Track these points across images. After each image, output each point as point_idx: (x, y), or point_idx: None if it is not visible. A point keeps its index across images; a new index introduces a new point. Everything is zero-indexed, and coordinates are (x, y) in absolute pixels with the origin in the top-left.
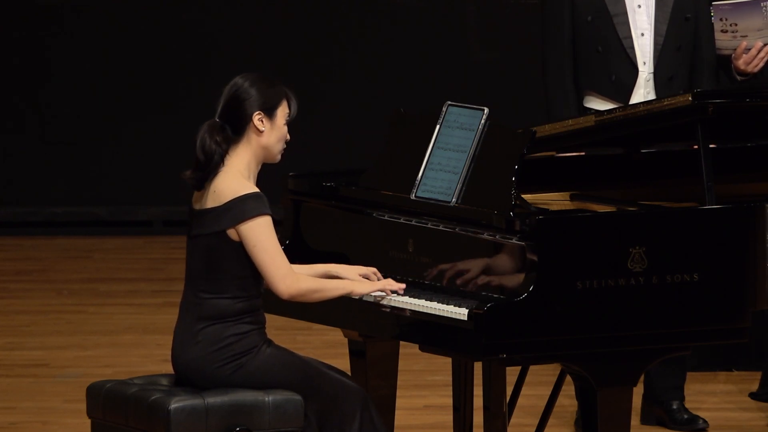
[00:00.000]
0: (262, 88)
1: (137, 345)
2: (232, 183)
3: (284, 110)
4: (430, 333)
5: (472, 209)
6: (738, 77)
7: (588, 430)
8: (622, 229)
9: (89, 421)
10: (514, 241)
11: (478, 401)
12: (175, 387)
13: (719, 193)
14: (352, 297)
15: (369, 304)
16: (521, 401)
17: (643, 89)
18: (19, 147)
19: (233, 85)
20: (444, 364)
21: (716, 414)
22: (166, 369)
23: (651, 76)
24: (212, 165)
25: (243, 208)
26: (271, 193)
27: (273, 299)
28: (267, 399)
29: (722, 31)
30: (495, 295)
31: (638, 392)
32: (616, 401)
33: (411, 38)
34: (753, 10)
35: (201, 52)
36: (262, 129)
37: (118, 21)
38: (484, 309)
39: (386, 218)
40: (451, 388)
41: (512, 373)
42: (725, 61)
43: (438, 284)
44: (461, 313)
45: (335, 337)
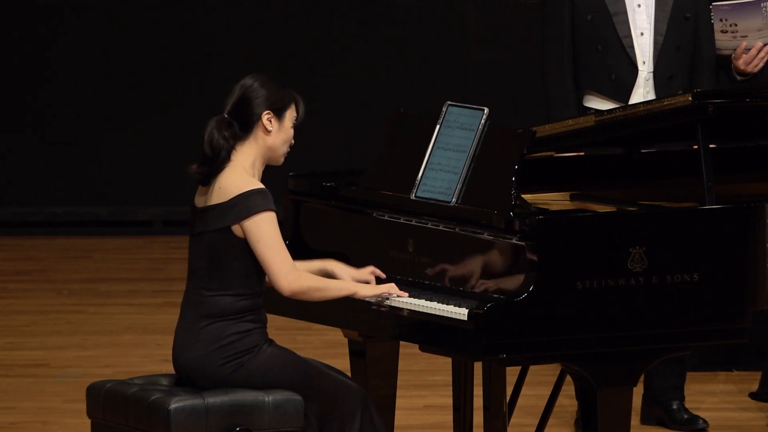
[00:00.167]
0: (273, 89)
1: (137, 345)
2: (237, 179)
3: (292, 113)
4: (430, 333)
5: (472, 209)
6: (738, 77)
7: (588, 430)
8: (622, 229)
9: (89, 421)
10: (514, 241)
11: (478, 401)
12: (175, 387)
13: (719, 193)
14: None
15: (369, 305)
16: (521, 401)
17: (643, 88)
18: (19, 147)
19: (244, 84)
20: (444, 364)
21: (716, 414)
22: (166, 369)
23: (651, 76)
24: (219, 160)
25: (247, 204)
26: (272, 194)
27: (273, 299)
28: (267, 399)
29: (722, 32)
30: (495, 295)
31: (638, 392)
32: (616, 401)
33: (411, 38)
34: (753, 11)
35: (201, 52)
36: (271, 129)
37: (118, 21)
38: (484, 309)
39: (386, 218)
40: (451, 388)
41: (512, 373)
42: (725, 61)
43: (438, 284)
44: (461, 313)
45: (335, 337)
